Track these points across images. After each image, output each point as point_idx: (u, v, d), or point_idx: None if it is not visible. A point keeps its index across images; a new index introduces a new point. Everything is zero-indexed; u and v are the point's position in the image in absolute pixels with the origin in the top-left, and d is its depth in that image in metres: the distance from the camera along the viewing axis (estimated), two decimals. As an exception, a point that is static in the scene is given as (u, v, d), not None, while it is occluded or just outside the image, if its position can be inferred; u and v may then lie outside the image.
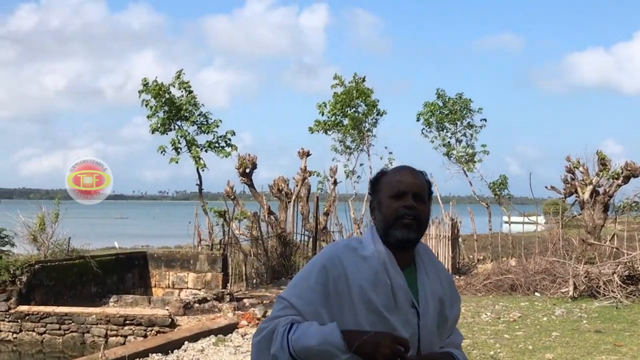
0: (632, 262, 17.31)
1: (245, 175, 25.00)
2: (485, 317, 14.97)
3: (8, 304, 16.67)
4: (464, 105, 27.30)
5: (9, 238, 18.18)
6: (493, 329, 13.50)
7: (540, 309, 15.78)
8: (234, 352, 12.36)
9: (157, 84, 20.86)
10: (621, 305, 15.67)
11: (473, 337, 12.63)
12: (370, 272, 2.87)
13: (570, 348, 11.50)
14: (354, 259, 2.91)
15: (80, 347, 15.97)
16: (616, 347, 11.54)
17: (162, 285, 20.68)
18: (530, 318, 14.66)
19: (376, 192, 3.04)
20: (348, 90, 25.80)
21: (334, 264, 2.90)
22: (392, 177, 3.01)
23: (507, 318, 14.70)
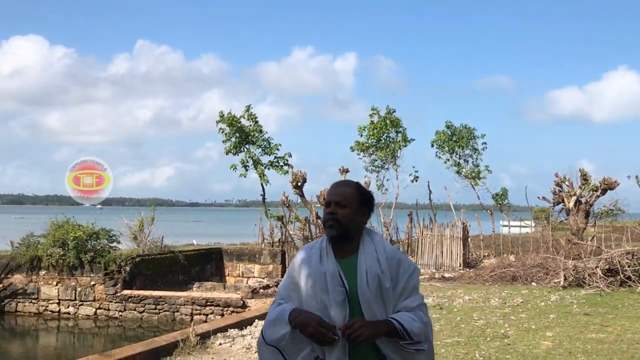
0: (611, 258, 16.95)
1: (297, 187, 24.99)
2: (494, 302, 14.73)
3: (115, 289, 16.85)
4: (468, 133, 27.15)
5: (116, 237, 18.34)
6: (501, 312, 13.28)
7: (538, 295, 15.49)
8: (295, 329, 12.28)
9: (231, 115, 21.01)
10: (604, 293, 15.34)
11: (486, 318, 12.43)
12: (313, 263, 3.03)
13: (565, 328, 11.27)
14: (308, 254, 3.10)
15: (171, 323, 16.05)
16: (603, 327, 11.28)
17: (233, 275, 20.75)
18: (530, 303, 14.40)
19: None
20: (382, 119, 25.80)
21: (297, 257, 3.14)
22: (330, 190, 3.17)
23: (512, 303, 14.45)
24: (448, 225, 23.70)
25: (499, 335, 10.71)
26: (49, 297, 17.40)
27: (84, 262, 17.13)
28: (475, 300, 14.98)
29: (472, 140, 27.29)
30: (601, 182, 24.60)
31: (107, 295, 16.93)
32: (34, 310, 17.45)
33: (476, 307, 13.92)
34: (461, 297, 15.35)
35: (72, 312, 17.27)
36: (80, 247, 17.17)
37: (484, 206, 28.05)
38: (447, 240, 23.16)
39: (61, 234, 17.29)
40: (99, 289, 17.03)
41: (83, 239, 17.22)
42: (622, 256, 16.65)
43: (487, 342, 10.19)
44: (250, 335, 11.69)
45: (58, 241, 17.36)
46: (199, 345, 10.62)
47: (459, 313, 13.09)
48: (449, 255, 23.02)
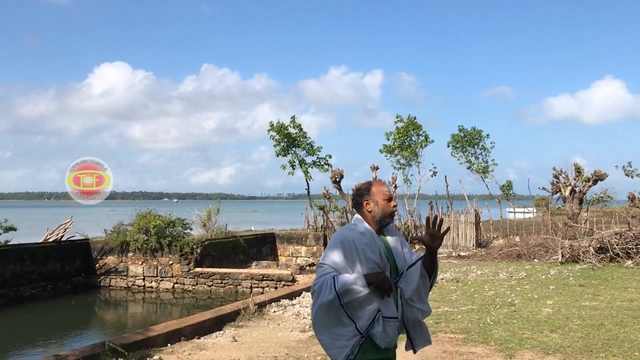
0: (602, 238, 16.56)
1: (336, 182, 24.95)
2: (502, 276, 14.51)
3: (189, 267, 17.05)
4: (477, 134, 26.79)
5: (189, 225, 18.55)
6: (508, 284, 13.08)
7: (539, 270, 15.22)
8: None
9: (279, 124, 21.09)
10: (596, 268, 15.00)
11: (495, 289, 12.25)
12: (366, 240, 3.21)
13: (563, 297, 11.05)
14: (356, 234, 3.24)
15: (234, 295, 16.15)
16: (595, 296, 11.03)
17: (284, 255, 20.80)
18: (533, 277, 14.14)
19: (370, 195, 3.37)
20: (406, 125, 25.64)
21: (345, 238, 3.22)
22: (381, 188, 3.41)
23: (517, 277, 14.21)
24: (462, 212, 23.42)
25: (506, 304, 10.55)
26: (136, 274, 17.69)
27: (163, 246, 17.36)
28: (486, 274, 14.78)
29: (481, 140, 26.93)
30: (592, 174, 24.07)
31: (182, 272, 17.13)
32: (124, 285, 17.77)
33: (487, 280, 13.73)
34: (474, 272, 15.16)
35: (154, 286, 17.53)
36: (160, 233, 17.40)
37: (493, 196, 27.63)
38: (462, 225, 22.90)
39: (145, 222, 17.55)
40: (176, 267, 17.25)
41: (162, 227, 17.44)
42: (611, 236, 16.26)
43: (497, 309, 10.05)
44: (299, 304, 11.70)
45: (142, 229, 17.63)
46: (257, 312, 10.68)
47: (473, 285, 12.93)
48: (463, 237, 22.75)
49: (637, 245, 15.73)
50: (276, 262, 19.15)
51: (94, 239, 18.59)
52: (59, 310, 16.00)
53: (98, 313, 16.83)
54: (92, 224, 27.76)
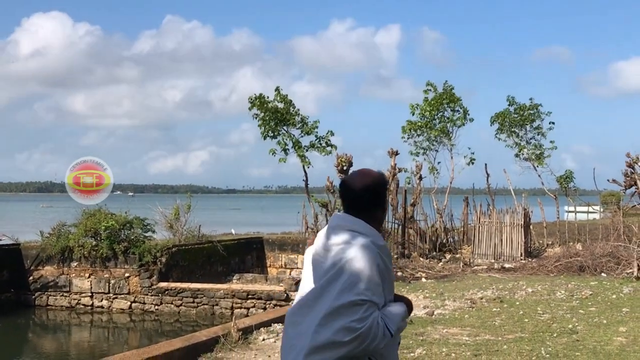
0: (692, 246, 16.61)
1: (343, 172, 24.96)
2: (559, 294, 14.56)
3: (151, 281, 17.11)
4: (534, 109, 26.71)
5: (151, 226, 18.59)
6: (568, 305, 13.12)
7: (609, 287, 15.26)
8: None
9: (261, 98, 21.15)
10: (683, 285, 15.05)
11: (551, 312, 12.30)
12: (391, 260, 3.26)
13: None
14: (386, 254, 3.20)
15: (210, 317, 16.24)
16: (684, 322, 11.07)
17: (275, 266, 20.88)
18: (600, 296, 14.19)
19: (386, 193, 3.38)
20: (439, 96, 25.61)
21: (380, 262, 3.13)
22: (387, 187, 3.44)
23: (580, 295, 14.26)
24: (507, 212, 23.47)
25: (566, 331, 10.59)
26: (81, 290, 17.74)
27: (117, 253, 17.40)
28: (539, 292, 14.82)
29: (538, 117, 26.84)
30: (680, 161, 24.08)
31: (142, 287, 17.18)
32: (66, 304, 17.82)
33: (540, 300, 13.78)
34: (523, 290, 15.21)
35: (105, 305, 17.59)
36: (113, 237, 17.44)
37: (548, 190, 27.65)
38: (506, 228, 22.96)
39: (93, 223, 17.58)
40: (134, 282, 17.31)
41: (116, 229, 17.48)
42: None
43: (554, 338, 10.09)
44: (295, 330, 11.74)
45: (90, 231, 17.67)
46: (241, 340, 10.69)
47: (522, 307, 12.98)
48: (508, 244, 22.81)
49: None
50: (265, 275, 19.19)
51: (26, 243, 18.63)
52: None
53: (32, 340, 16.87)
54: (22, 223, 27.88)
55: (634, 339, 9.85)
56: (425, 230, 25.37)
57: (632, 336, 10.05)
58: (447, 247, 25.39)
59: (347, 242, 3.13)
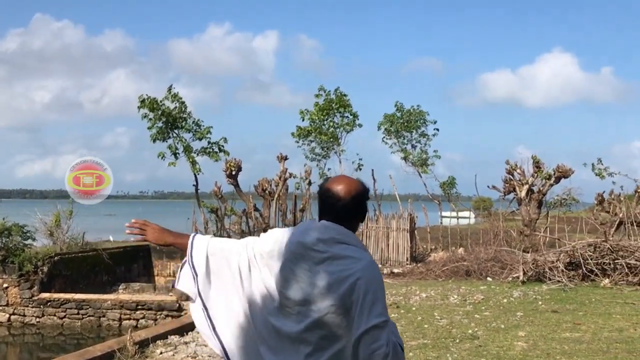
0: (572, 251, 17.26)
1: (231, 177, 24.57)
2: (452, 299, 14.78)
3: (31, 292, 16.17)
4: (420, 115, 27.27)
5: (31, 233, 17.55)
6: (463, 310, 13.31)
7: (498, 292, 15.63)
8: (242, 333, 11.96)
9: (152, 99, 20.51)
10: (567, 288, 15.59)
11: (449, 317, 12.43)
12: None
13: (536, 327, 11.35)
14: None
15: (96, 329, 15.54)
16: (576, 325, 11.42)
17: (163, 274, 20.24)
18: (492, 300, 14.50)
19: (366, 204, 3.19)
20: (330, 101, 25.67)
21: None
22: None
23: (472, 300, 14.52)
24: (394, 217, 23.75)
25: (467, 336, 10.69)
26: (-47, 302, 16.53)
27: (-6, 262, 16.34)
28: (433, 297, 15.00)
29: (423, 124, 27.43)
30: (555, 169, 25.10)
31: (22, 299, 16.19)
32: None
33: (435, 305, 13.93)
34: (417, 295, 15.35)
35: (-19, 319, 16.47)
36: (-10, 245, 16.36)
37: (432, 196, 28.27)
38: (393, 233, 23.25)
39: (-32, 230, 16.44)
40: (13, 292, 16.27)
41: (-7, 236, 16.41)
42: (584, 249, 16.95)
43: (457, 344, 10.15)
44: (194, 342, 11.32)
45: (-37, 239, 16.50)
46: (138, 354, 10.26)
47: (419, 312, 13.06)
48: (395, 249, 23.12)
49: (615, 260, 16.51)
50: (152, 284, 18.54)
51: None
52: None
53: None
54: None
55: (534, 344, 10.05)
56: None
57: (531, 341, 10.25)
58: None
59: (346, 256, 2.91)
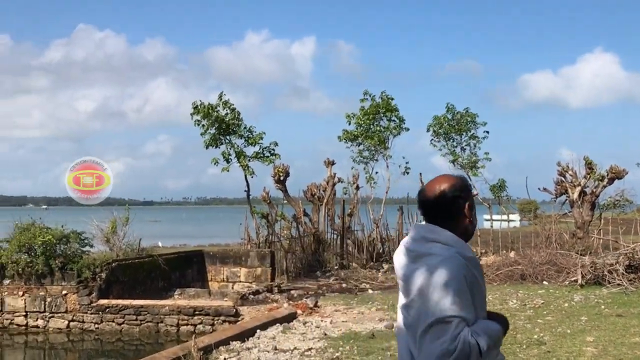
0: (632, 253, 16.92)
1: (279, 182, 24.62)
2: (512, 304, 14.58)
3: (90, 298, 16.26)
4: (471, 118, 27.00)
5: (88, 240, 17.71)
6: (524, 315, 13.11)
7: (559, 296, 15.37)
8: (302, 339, 11.93)
9: (206, 106, 20.63)
10: (628, 292, 15.28)
11: (512, 322, 12.16)
12: (481, 272, 3.07)
13: (604, 331, 11.12)
14: (475, 266, 3.01)
15: (155, 335, 15.55)
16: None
17: (217, 280, 20.23)
18: (552, 304, 14.26)
19: (468, 198, 3.12)
20: (376, 106, 25.58)
21: (469, 274, 2.93)
22: (471, 192, 3.22)
23: (532, 305, 14.30)
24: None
25: (534, 342, 10.52)
26: (15, 309, 16.70)
27: (53, 269, 16.44)
28: (492, 302, 14.78)
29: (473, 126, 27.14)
30: (608, 170, 24.68)
31: (81, 305, 16.29)
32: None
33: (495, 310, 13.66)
34: (475, 299, 15.14)
35: (41, 325, 16.58)
36: (49, 253, 16.49)
37: (483, 199, 27.95)
38: (442, 237, 23.00)
39: (27, 238, 16.57)
40: (72, 299, 16.40)
41: (52, 243, 16.54)
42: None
43: (524, 350, 10.00)
44: (256, 348, 11.31)
45: (24, 246, 16.66)
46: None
47: (480, 317, 12.86)
48: (446, 253, 22.83)
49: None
50: (207, 289, 18.55)
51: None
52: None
53: (-40, 364, 15.85)
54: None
55: (604, 349, 9.84)
56: (363, 240, 25.23)
57: (601, 346, 10.04)
58: (384, 257, 25.31)
59: (430, 254, 2.95)
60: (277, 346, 11.35)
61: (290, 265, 22.07)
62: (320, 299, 16.59)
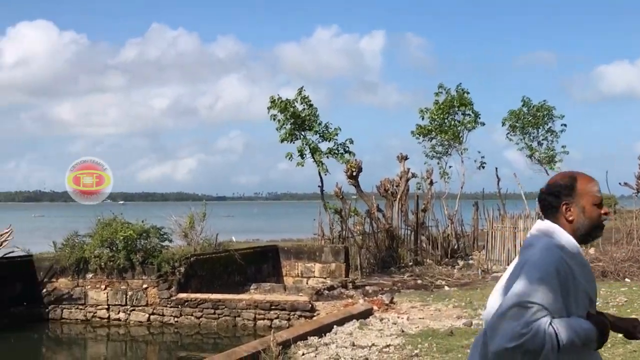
0: None
1: (352, 177, 24.60)
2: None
3: (169, 292, 16.59)
4: (547, 111, 26.47)
5: (167, 235, 18.09)
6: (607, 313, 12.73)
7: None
8: (380, 336, 11.91)
9: (283, 100, 20.79)
10: None
11: (595, 320, 11.91)
12: (587, 271, 3.07)
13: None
14: (570, 256, 3.00)
15: (232, 329, 15.77)
16: None
17: (291, 275, 20.42)
18: (637, 302, 13.86)
19: (573, 195, 3.16)
20: (450, 99, 25.33)
21: (563, 267, 2.95)
22: (591, 187, 3.19)
23: (615, 302, 13.91)
24: (521, 217, 23.10)
25: (618, 341, 10.18)
26: (97, 302, 17.19)
27: (134, 264, 16.86)
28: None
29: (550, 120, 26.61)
30: (695, 161, 23.87)
31: (160, 299, 16.64)
32: (81, 317, 17.24)
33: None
34: (555, 297, 14.83)
35: (122, 318, 17.02)
36: (130, 247, 16.91)
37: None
38: (520, 233, 22.57)
39: (109, 233, 17.04)
40: (152, 293, 16.77)
41: (133, 238, 16.96)
42: None
43: (609, 349, 9.72)
44: (334, 343, 11.34)
45: (106, 241, 17.13)
46: (282, 356, 10.31)
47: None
48: (525, 250, 22.43)
49: None
50: (282, 284, 18.72)
51: (39, 255, 18.07)
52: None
53: (46, 355, 16.44)
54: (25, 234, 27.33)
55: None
56: (437, 236, 25.01)
57: (692, 347, 9.68)
58: (459, 253, 25.06)
59: (531, 245, 3.09)
60: (354, 342, 11.36)
61: (363, 261, 22.03)
62: (396, 295, 16.51)
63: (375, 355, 10.49)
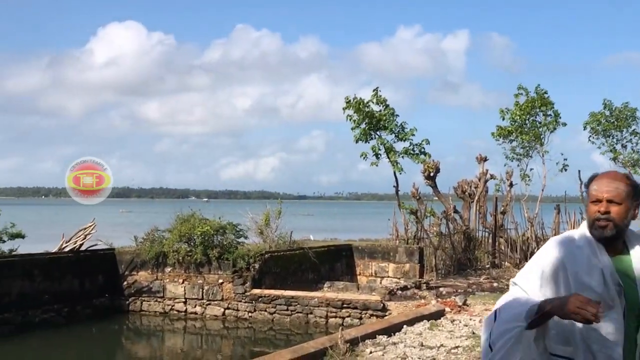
0: None
1: (429, 178, 24.42)
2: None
3: (244, 288, 16.91)
4: (631, 112, 25.63)
5: (243, 231, 18.43)
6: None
7: None
8: (450, 337, 11.83)
9: (358, 100, 20.83)
10: None
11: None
12: (583, 258, 3.12)
13: None
14: (571, 248, 3.16)
15: (304, 326, 15.95)
16: None
17: (365, 274, 20.47)
18: None
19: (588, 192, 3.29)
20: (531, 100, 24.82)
21: (551, 251, 3.18)
22: (592, 185, 3.25)
23: None
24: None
25: None
26: (175, 295, 17.66)
27: (211, 259, 17.25)
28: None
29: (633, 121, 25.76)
30: None
31: (235, 294, 16.98)
32: (160, 310, 17.76)
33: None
34: None
35: (199, 312, 17.44)
36: (207, 243, 17.31)
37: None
38: (603, 238, 21.97)
39: (187, 228, 17.49)
40: (227, 288, 17.13)
41: (210, 234, 17.36)
42: None
43: None
44: (402, 343, 11.34)
45: (184, 236, 17.59)
46: (349, 353, 10.39)
47: None
48: (605, 255, 21.80)
49: None
50: (355, 283, 18.77)
51: (120, 249, 18.71)
52: (76, 340, 16.16)
53: (126, 345, 17.00)
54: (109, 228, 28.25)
55: None
56: (516, 239, 24.55)
57: None
58: (539, 257, 24.53)
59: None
60: (423, 342, 11.33)
61: (439, 262, 21.86)
62: (470, 297, 16.34)
63: (443, 355, 10.45)
